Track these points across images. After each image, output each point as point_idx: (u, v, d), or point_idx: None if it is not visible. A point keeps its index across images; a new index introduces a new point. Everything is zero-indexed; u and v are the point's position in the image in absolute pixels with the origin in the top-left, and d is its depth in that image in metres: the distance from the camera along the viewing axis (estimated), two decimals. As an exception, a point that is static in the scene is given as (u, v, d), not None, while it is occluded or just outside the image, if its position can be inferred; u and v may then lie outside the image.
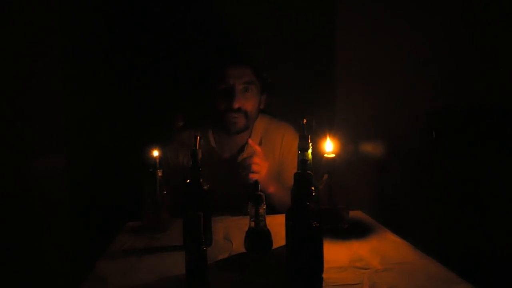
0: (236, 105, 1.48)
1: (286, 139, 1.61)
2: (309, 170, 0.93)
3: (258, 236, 1.04)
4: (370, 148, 1.98)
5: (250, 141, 1.50)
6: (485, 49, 2.06)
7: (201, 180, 1.14)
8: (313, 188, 0.92)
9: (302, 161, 0.94)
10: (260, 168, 1.39)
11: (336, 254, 1.05)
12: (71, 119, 1.94)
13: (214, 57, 1.65)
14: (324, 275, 0.93)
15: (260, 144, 1.59)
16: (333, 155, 1.19)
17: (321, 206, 1.18)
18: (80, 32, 1.92)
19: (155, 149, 1.27)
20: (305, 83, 1.97)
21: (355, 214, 1.38)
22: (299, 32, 1.97)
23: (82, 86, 1.94)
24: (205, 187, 1.14)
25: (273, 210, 1.34)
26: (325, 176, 1.20)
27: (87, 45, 1.92)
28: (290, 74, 1.94)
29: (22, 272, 1.80)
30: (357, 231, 1.22)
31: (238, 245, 1.11)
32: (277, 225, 1.04)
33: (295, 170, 0.95)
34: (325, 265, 0.93)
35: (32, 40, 1.88)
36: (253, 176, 1.37)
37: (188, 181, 1.14)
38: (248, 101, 1.51)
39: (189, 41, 1.92)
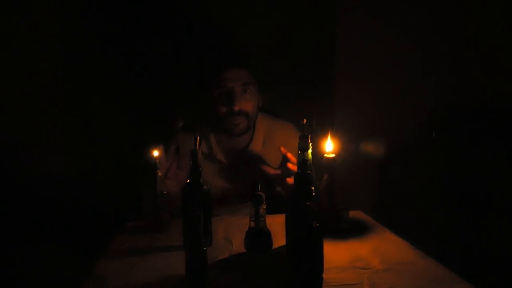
0: (237, 108, 1.48)
1: (290, 138, 1.61)
2: (309, 170, 0.93)
3: (258, 236, 1.04)
4: (370, 148, 1.98)
5: (282, 148, 1.41)
6: (485, 49, 2.06)
7: (201, 180, 1.14)
8: (313, 188, 0.92)
9: (302, 161, 0.94)
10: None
11: (336, 254, 1.05)
12: (71, 119, 1.94)
13: (211, 61, 1.65)
14: (324, 275, 0.93)
15: (263, 143, 1.59)
16: (333, 155, 1.19)
17: (321, 206, 1.18)
18: (81, 32, 1.92)
19: (155, 149, 1.27)
20: (305, 83, 1.97)
21: (355, 214, 1.38)
22: (299, 33, 1.97)
23: (82, 86, 1.94)
24: (205, 187, 1.14)
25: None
26: (325, 176, 1.20)
27: (87, 45, 1.92)
28: (290, 75, 1.95)
29: (22, 272, 1.80)
30: (357, 231, 1.21)
31: (238, 245, 1.11)
32: (277, 225, 1.04)
33: None
34: (325, 265, 0.93)
35: (32, 40, 1.88)
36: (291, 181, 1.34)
37: (188, 181, 1.14)
38: (248, 102, 1.51)
39: (187, 43, 1.92)
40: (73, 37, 1.92)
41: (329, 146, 1.20)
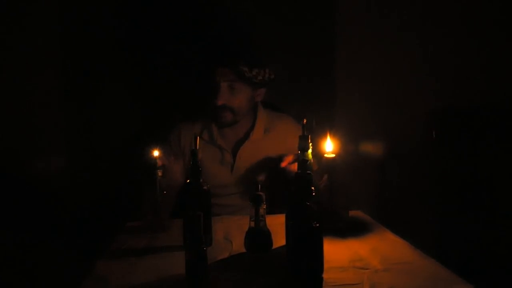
0: (220, 102, 1.51)
1: (290, 130, 1.62)
2: (309, 170, 0.93)
3: (258, 236, 1.04)
4: (370, 148, 1.98)
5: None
6: (485, 49, 2.06)
7: (201, 180, 1.14)
8: (313, 188, 0.92)
9: (302, 161, 0.94)
10: None
11: (336, 254, 1.05)
12: (71, 119, 1.94)
13: (205, 57, 1.68)
14: (324, 275, 0.93)
15: (264, 132, 1.62)
16: (333, 155, 1.19)
17: (321, 206, 1.18)
18: (80, 31, 1.92)
19: (155, 149, 1.27)
20: (305, 83, 1.97)
21: (355, 214, 1.38)
22: (300, 32, 1.97)
23: (81, 86, 1.94)
24: (205, 187, 1.14)
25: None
26: (325, 176, 1.20)
27: (86, 44, 1.92)
28: (290, 74, 1.94)
29: (22, 272, 1.80)
30: (357, 231, 1.21)
31: (238, 245, 1.11)
32: (277, 225, 1.04)
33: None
34: (325, 265, 0.93)
35: (33, 40, 1.88)
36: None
37: (188, 181, 1.14)
38: (234, 97, 1.53)
39: (184, 40, 1.92)
40: (73, 36, 1.92)
41: (329, 146, 1.20)
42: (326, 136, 1.20)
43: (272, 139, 1.61)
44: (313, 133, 1.16)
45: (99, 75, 1.94)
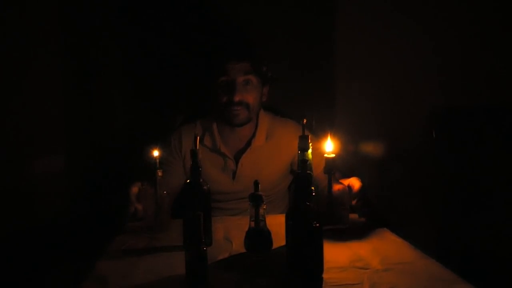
0: (237, 98, 1.49)
1: (292, 135, 1.62)
2: (309, 170, 0.93)
3: (258, 236, 1.04)
4: (370, 148, 1.98)
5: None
6: (486, 49, 2.06)
7: (201, 180, 1.14)
8: (313, 188, 0.92)
9: (302, 161, 0.94)
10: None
11: (336, 254, 1.06)
12: (71, 119, 1.94)
13: (215, 52, 1.66)
14: (324, 275, 0.93)
15: (266, 138, 1.61)
16: (333, 155, 1.19)
17: (321, 206, 1.18)
18: (80, 30, 1.92)
19: (155, 149, 1.27)
20: (305, 83, 1.97)
21: (355, 214, 1.38)
22: (299, 32, 1.97)
23: (82, 86, 1.94)
24: (205, 187, 1.14)
25: None
26: (325, 176, 1.20)
27: (87, 43, 1.92)
28: (290, 74, 1.94)
29: (21, 272, 1.80)
30: (357, 231, 1.22)
31: (238, 245, 1.12)
32: (277, 225, 1.04)
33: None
34: (325, 265, 0.93)
35: (32, 39, 1.88)
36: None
37: (188, 181, 1.15)
38: (249, 94, 1.52)
39: (190, 36, 1.92)
40: (74, 35, 1.91)
41: (329, 146, 1.20)
42: (326, 136, 1.20)
43: (274, 145, 1.60)
44: (313, 133, 1.16)
45: (100, 74, 1.94)
